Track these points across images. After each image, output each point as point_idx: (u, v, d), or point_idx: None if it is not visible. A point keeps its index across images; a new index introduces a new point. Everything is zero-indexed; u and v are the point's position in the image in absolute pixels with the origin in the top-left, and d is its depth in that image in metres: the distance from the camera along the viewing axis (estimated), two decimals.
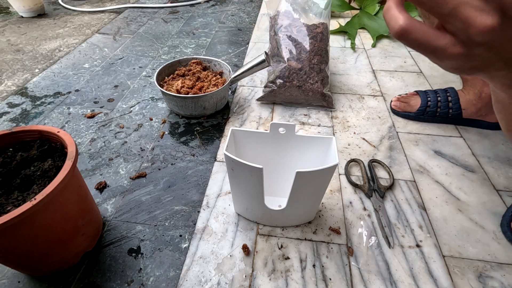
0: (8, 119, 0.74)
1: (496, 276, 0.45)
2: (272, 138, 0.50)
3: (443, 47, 0.21)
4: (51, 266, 0.44)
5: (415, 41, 0.22)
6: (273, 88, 0.76)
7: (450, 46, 0.21)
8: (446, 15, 0.20)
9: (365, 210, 0.54)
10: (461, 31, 0.20)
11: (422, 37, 0.21)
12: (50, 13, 1.39)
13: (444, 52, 0.21)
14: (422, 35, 0.21)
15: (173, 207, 0.55)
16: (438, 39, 0.21)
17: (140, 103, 0.80)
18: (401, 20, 0.21)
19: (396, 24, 0.22)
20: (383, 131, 0.71)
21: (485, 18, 0.19)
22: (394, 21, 0.22)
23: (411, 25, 0.21)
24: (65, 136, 0.43)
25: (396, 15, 0.22)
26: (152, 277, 0.45)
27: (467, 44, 0.20)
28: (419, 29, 0.21)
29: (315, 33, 0.77)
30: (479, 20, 0.19)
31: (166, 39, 1.15)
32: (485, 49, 0.20)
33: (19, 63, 1.00)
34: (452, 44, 0.21)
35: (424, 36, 0.21)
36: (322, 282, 0.44)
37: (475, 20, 0.19)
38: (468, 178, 0.60)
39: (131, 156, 0.65)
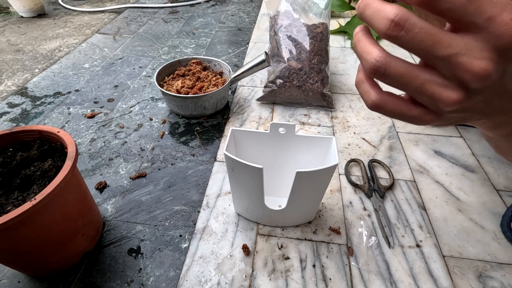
0: (8, 119, 0.74)
1: (496, 276, 0.45)
2: (272, 138, 0.50)
3: (417, 116, 0.22)
4: (51, 266, 0.44)
5: (389, 112, 0.22)
6: (273, 88, 0.76)
7: (423, 115, 0.22)
8: (413, 92, 0.20)
9: (365, 210, 0.54)
10: (430, 104, 0.21)
11: (395, 110, 0.22)
12: (50, 13, 1.39)
13: (419, 120, 0.22)
14: (394, 107, 0.22)
15: (173, 207, 0.55)
16: (411, 110, 0.22)
17: (140, 103, 0.80)
18: (373, 95, 0.22)
19: (368, 99, 0.23)
20: (383, 131, 0.71)
21: (450, 93, 0.19)
22: (367, 96, 0.23)
23: (383, 100, 0.22)
24: (65, 136, 0.43)
25: (367, 90, 0.23)
26: (152, 277, 0.45)
27: (439, 113, 0.21)
28: (391, 102, 0.22)
29: (315, 33, 0.77)
30: (445, 95, 0.19)
31: (166, 39, 1.15)
32: (458, 113, 0.21)
33: (19, 63, 1.00)
34: (425, 114, 0.22)
35: (397, 109, 0.22)
36: (322, 282, 0.44)
37: (441, 96, 0.20)
38: (468, 178, 0.60)
39: (131, 156, 0.65)
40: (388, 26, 0.18)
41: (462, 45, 0.18)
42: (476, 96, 0.20)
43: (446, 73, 0.19)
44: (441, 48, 0.18)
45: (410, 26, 0.18)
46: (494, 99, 0.21)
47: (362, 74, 0.23)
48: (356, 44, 0.22)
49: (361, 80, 0.23)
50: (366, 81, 0.23)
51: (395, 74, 0.20)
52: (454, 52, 0.18)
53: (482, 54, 0.18)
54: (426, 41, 0.18)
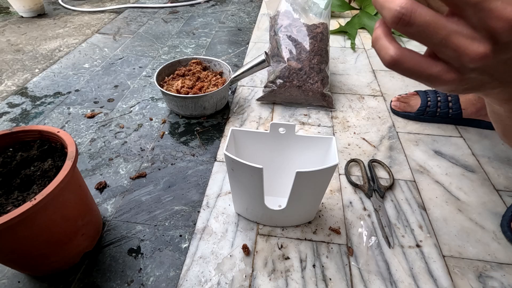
0: (8, 119, 0.74)
1: (496, 276, 0.45)
2: (272, 138, 0.50)
3: (437, 75, 0.21)
4: (51, 266, 0.44)
5: (407, 70, 0.21)
6: (273, 88, 0.76)
7: (443, 73, 0.21)
8: (437, 45, 0.19)
9: (365, 210, 0.54)
10: (453, 59, 0.20)
11: (414, 66, 0.21)
12: (50, 13, 1.39)
13: (438, 79, 0.21)
14: (414, 64, 0.21)
15: (173, 207, 0.55)
16: (431, 67, 0.21)
17: (140, 103, 0.80)
18: (392, 50, 0.21)
19: (386, 55, 0.21)
20: (383, 131, 0.71)
21: (476, 46, 0.18)
22: (385, 52, 0.21)
23: (402, 55, 0.21)
24: (65, 136, 0.43)
25: (386, 45, 0.21)
26: (152, 277, 0.45)
27: (461, 70, 0.20)
28: (411, 58, 0.21)
29: (315, 33, 0.77)
30: (471, 48, 0.18)
31: (166, 39, 1.15)
32: (479, 73, 0.20)
33: (19, 63, 1.00)
34: (446, 71, 0.20)
35: (416, 65, 0.21)
36: (322, 282, 0.44)
37: (467, 49, 0.19)
38: (468, 178, 0.60)
39: (131, 156, 0.65)
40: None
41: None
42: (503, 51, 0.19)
43: (475, 22, 0.18)
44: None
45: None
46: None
47: (380, 31, 0.22)
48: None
49: (378, 36, 0.22)
50: (385, 36, 0.21)
51: (420, 23, 0.18)
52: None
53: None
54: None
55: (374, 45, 0.22)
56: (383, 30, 0.22)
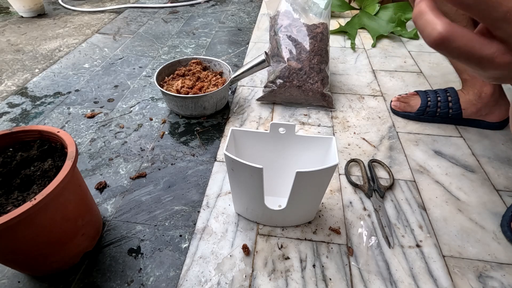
0: (8, 119, 0.74)
1: (496, 276, 0.45)
2: (272, 138, 0.50)
3: (491, 56, 0.18)
4: (51, 266, 0.44)
5: (457, 49, 0.18)
6: (273, 88, 0.76)
7: (499, 55, 0.18)
8: (498, 20, 0.17)
9: (365, 210, 0.54)
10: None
11: (466, 46, 0.18)
12: (50, 13, 1.39)
13: (492, 61, 0.18)
14: (465, 43, 0.18)
15: (173, 207, 0.55)
16: (485, 47, 0.18)
17: (140, 103, 0.80)
18: (440, 26, 0.18)
19: (434, 31, 0.18)
20: (383, 131, 0.71)
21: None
22: (431, 28, 0.18)
23: (453, 32, 0.18)
24: (65, 136, 0.43)
25: (433, 21, 0.18)
26: (152, 277, 0.45)
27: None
28: (463, 36, 0.18)
29: (315, 33, 0.77)
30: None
31: (166, 39, 1.15)
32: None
33: (19, 63, 1.00)
34: (502, 53, 0.18)
35: (468, 44, 0.18)
36: (322, 282, 0.44)
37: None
38: (468, 178, 0.60)
39: (131, 156, 0.65)
40: None
41: None
42: None
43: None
44: None
45: None
46: None
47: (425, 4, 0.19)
48: None
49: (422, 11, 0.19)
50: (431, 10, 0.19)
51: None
52: None
53: None
54: None
55: (417, 21, 0.19)
56: (429, 3, 0.19)
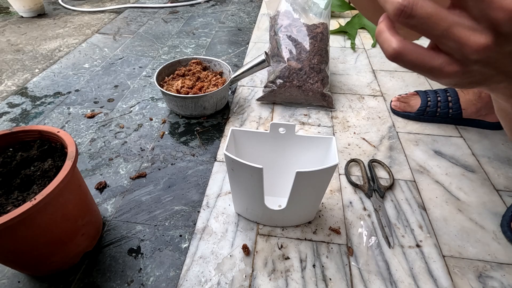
0: (8, 119, 0.74)
1: (496, 276, 0.45)
2: (272, 138, 0.50)
3: (439, 67, 0.21)
4: (51, 266, 0.44)
5: (409, 62, 0.21)
6: (273, 88, 0.76)
7: (445, 66, 0.21)
8: (438, 37, 0.20)
9: (365, 210, 0.54)
10: (455, 50, 0.20)
11: (417, 59, 0.21)
12: (50, 13, 1.39)
13: (441, 71, 0.21)
14: (416, 56, 0.21)
15: (173, 207, 0.55)
16: (433, 60, 0.21)
17: (140, 103, 0.80)
18: (394, 43, 0.21)
19: (389, 48, 0.22)
20: (383, 131, 0.71)
21: (478, 37, 0.19)
22: (388, 44, 0.22)
23: (405, 48, 0.21)
24: (65, 136, 0.43)
25: (388, 38, 0.22)
26: (152, 277, 0.45)
27: (463, 62, 0.20)
28: (413, 51, 0.21)
29: (315, 33, 0.77)
30: (472, 39, 0.19)
31: (166, 39, 1.15)
32: (482, 65, 0.20)
33: (19, 63, 1.00)
34: (448, 63, 0.21)
35: (418, 58, 0.21)
36: (322, 282, 0.44)
37: (468, 40, 0.19)
38: (468, 178, 0.60)
39: (131, 156, 0.65)
40: None
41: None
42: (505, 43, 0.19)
43: (476, 14, 0.18)
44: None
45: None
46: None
47: (383, 24, 0.22)
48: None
49: (381, 30, 0.22)
50: (388, 30, 0.22)
51: (422, 15, 0.19)
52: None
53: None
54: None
55: (378, 38, 0.23)
56: (387, 23, 0.22)
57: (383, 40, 0.22)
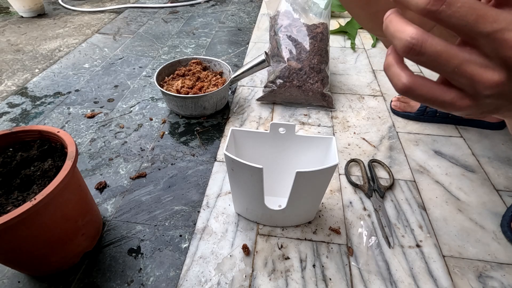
0: (8, 119, 0.74)
1: (496, 276, 0.45)
2: (272, 138, 0.50)
3: (451, 101, 0.20)
4: (51, 266, 0.44)
5: (420, 97, 0.21)
6: (273, 88, 0.76)
7: (457, 100, 0.20)
8: (450, 73, 0.19)
9: (365, 210, 0.54)
10: (467, 86, 0.19)
11: (428, 93, 0.21)
12: (50, 13, 1.39)
13: (453, 105, 0.21)
14: (427, 91, 0.21)
15: (173, 207, 0.55)
16: (445, 94, 0.20)
17: (140, 103, 0.80)
18: (404, 78, 0.21)
19: (399, 82, 0.21)
20: (383, 131, 0.71)
21: (491, 74, 0.18)
22: (397, 79, 0.21)
23: (415, 83, 0.21)
24: (65, 136, 0.43)
25: (398, 73, 0.21)
26: (152, 277, 0.45)
27: (475, 97, 0.20)
28: (424, 85, 0.21)
29: (315, 33, 0.77)
30: (485, 76, 0.18)
31: (166, 39, 1.15)
32: (495, 99, 0.20)
33: (19, 63, 1.00)
34: (460, 98, 0.20)
35: (429, 92, 0.21)
36: (322, 282, 0.44)
37: (481, 77, 0.18)
38: (468, 178, 0.60)
39: (131, 156, 0.65)
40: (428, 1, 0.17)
41: (509, 20, 0.17)
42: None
43: (488, 52, 0.18)
44: (485, 23, 0.17)
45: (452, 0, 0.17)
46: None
47: (391, 57, 0.22)
48: (387, 25, 0.21)
49: (390, 63, 0.22)
50: (396, 64, 0.21)
51: (431, 53, 0.18)
52: (499, 28, 0.17)
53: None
54: (470, 16, 0.17)
55: (386, 72, 0.22)
56: (395, 57, 0.22)
57: (392, 74, 0.22)
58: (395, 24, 0.20)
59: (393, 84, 0.22)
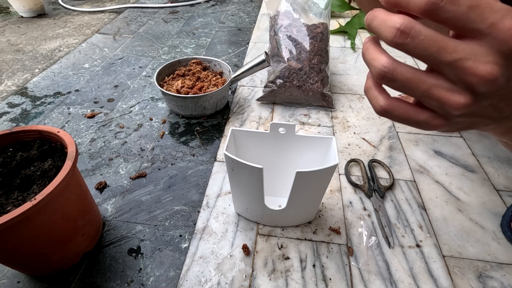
0: (8, 119, 0.74)
1: (496, 276, 0.45)
2: (272, 138, 0.50)
3: (425, 121, 0.22)
4: (51, 266, 0.44)
5: (397, 117, 0.23)
6: (273, 88, 0.76)
7: (431, 120, 0.22)
8: (420, 96, 0.21)
9: (365, 210, 0.54)
10: (438, 108, 0.21)
11: (404, 115, 0.23)
12: (50, 13, 1.39)
13: (427, 124, 0.22)
14: (402, 112, 0.23)
15: (173, 207, 0.55)
16: (419, 115, 0.22)
17: (140, 103, 0.80)
18: (381, 101, 0.23)
19: (377, 105, 0.23)
20: (383, 131, 0.71)
21: (457, 97, 0.20)
22: (375, 101, 0.23)
23: (391, 105, 0.23)
24: (65, 136, 0.43)
25: (375, 96, 0.23)
26: (152, 277, 0.45)
27: (447, 117, 0.22)
28: (399, 107, 0.22)
29: (315, 33, 0.77)
30: (452, 99, 0.20)
31: (166, 39, 1.15)
32: (466, 117, 0.21)
33: (19, 63, 1.00)
34: (433, 118, 0.22)
35: (405, 114, 0.23)
36: (322, 282, 0.44)
37: (448, 100, 0.20)
38: (468, 178, 0.60)
39: (131, 156, 0.65)
40: (394, 34, 0.19)
41: (468, 50, 0.18)
42: (483, 100, 0.20)
43: (452, 78, 0.19)
44: (446, 54, 0.18)
45: (416, 34, 0.18)
46: (502, 104, 0.21)
47: (370, 81, 0.24)
48: (364, 53, 0.23)
49: (369, 86, 0.24)
50: (374, 87, 0.23)
51: (402, 79, 0.20)
52: (459, 57, 0.18)
53: (488, 58, 0.18)
54: (432, 47, 0.18)
55: (366, 94, 0.24)
56: (373, 81, 0.24)
57: (371, 97, 0.24)
58: (370, 52, 0.22)
59: (372, 105, 0.24)
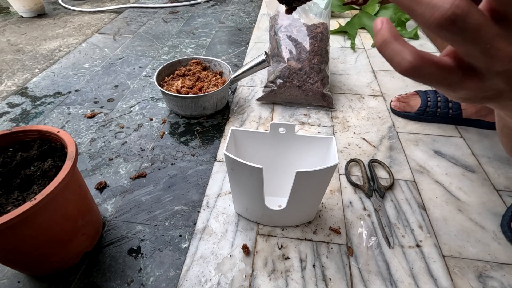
0: (8, 119, 0.74)
1: (496, 276, 0.45)
2: (272, 138, 0.50)
3: (459, 80, 0.18)
4: (51, 266, 0.44)
5: (427, 76, 0.18)
6: (273, 88, 0.76)
7: (466, 79, 0.18)
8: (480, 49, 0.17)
9: (365, 210, 0.54)
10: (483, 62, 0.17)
11: (436, 71, 0.18)
12: (50, 13, 1.39)
13: (460, 85, 0.19)
14: (436, 69, 0.18)
15: (173, 207, 0.55)
16: (454, 72, 0.18)
17: (140, 103, 0.80)
18: (409, 55, 0.18)
19: (403, 61, 0.18)
20: (383, 131, 0.71)
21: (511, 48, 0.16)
22: (400, 57, 0.18)
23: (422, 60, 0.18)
24: (65, 136, 0.43)
25: (399, 50, 0.18)
26: (152, 277, 0.45)
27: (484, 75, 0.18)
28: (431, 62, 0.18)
29: (315, 33, 0.77)
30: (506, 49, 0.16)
31: (166, 39, 1.15)
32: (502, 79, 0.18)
33: (19, 63, 1.00)
34: (469, 77, 0.18)
35: (438, 70, 0.18)
36: (322, 282, 0.44)
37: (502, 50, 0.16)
38: (468, 178, 0.60)
39: (131, 156, 0.65)
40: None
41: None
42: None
43: None
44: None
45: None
46: None
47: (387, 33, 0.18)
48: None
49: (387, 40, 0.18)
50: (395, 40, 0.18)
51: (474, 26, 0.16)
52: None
53: None
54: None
55: (383, 50, 0.19)
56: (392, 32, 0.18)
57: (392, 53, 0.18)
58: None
59: (395, 63, 0.18)
